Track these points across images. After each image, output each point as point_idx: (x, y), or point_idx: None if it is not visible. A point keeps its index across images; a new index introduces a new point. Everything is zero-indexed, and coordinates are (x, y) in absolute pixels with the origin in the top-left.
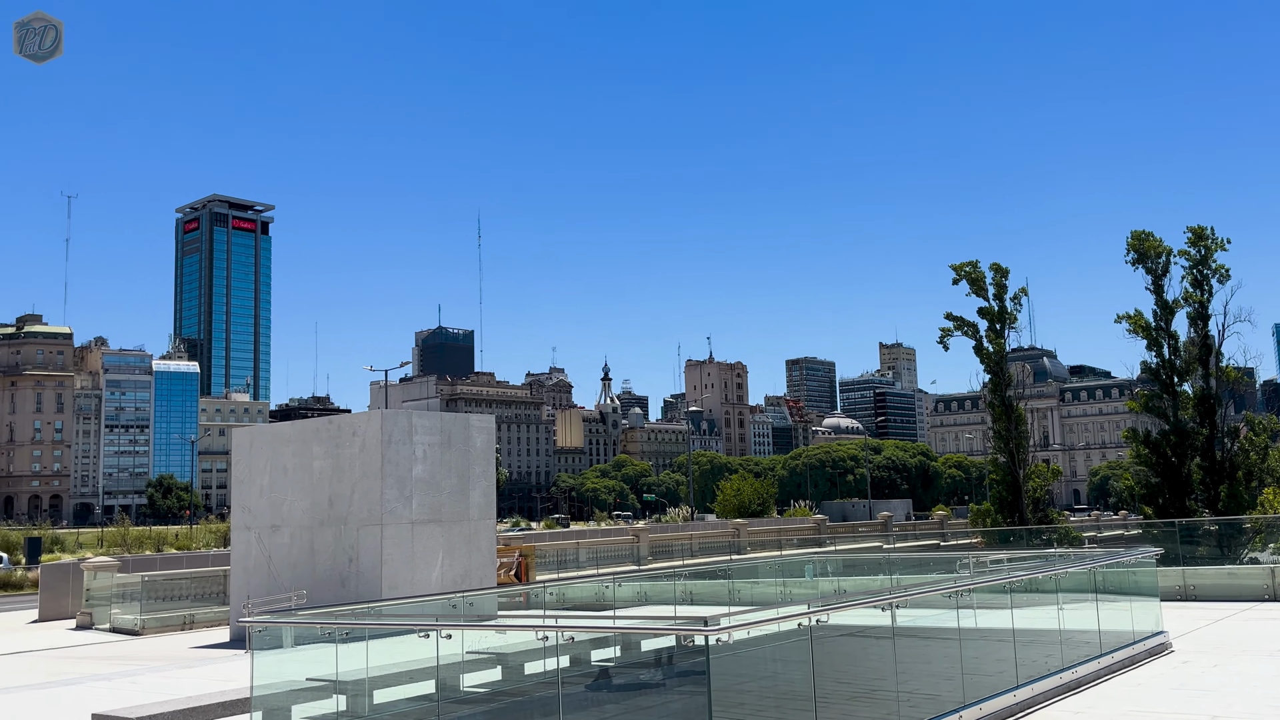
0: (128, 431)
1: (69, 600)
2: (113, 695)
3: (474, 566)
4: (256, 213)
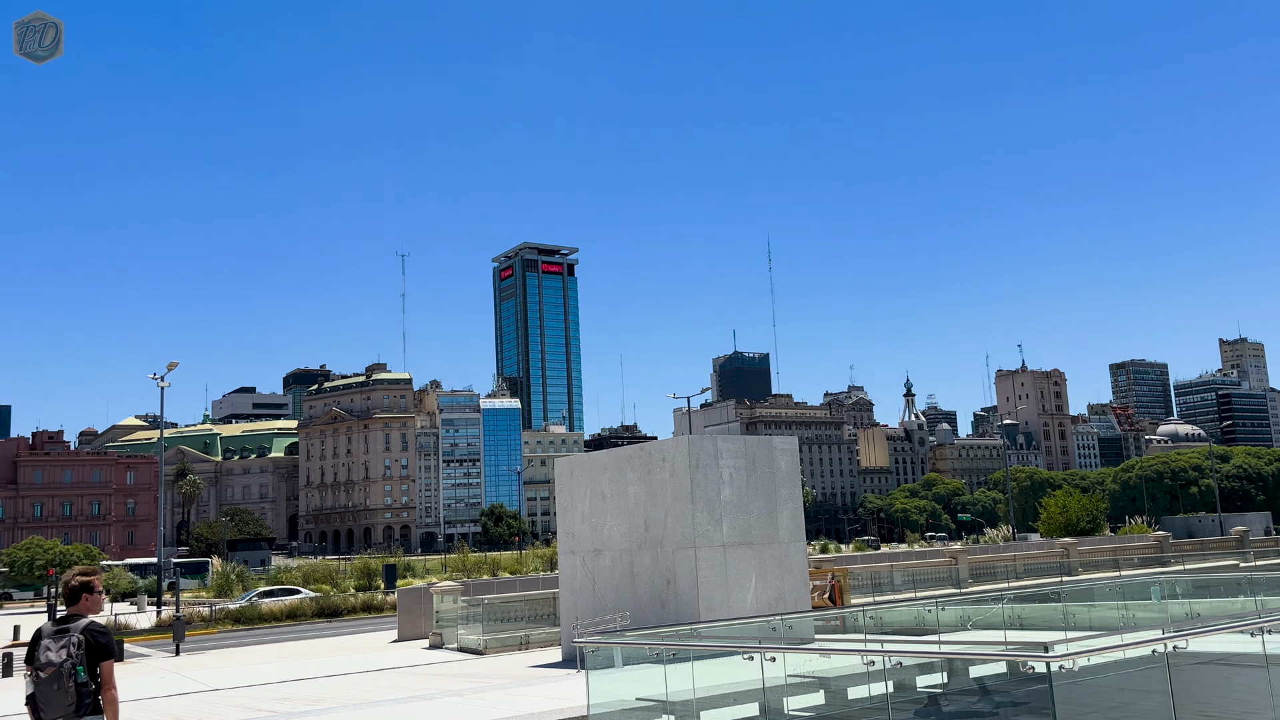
0: (462, 465)
1: (422, 621)
2: (465, 709)
3: (787, 589)
4: (562, 256)
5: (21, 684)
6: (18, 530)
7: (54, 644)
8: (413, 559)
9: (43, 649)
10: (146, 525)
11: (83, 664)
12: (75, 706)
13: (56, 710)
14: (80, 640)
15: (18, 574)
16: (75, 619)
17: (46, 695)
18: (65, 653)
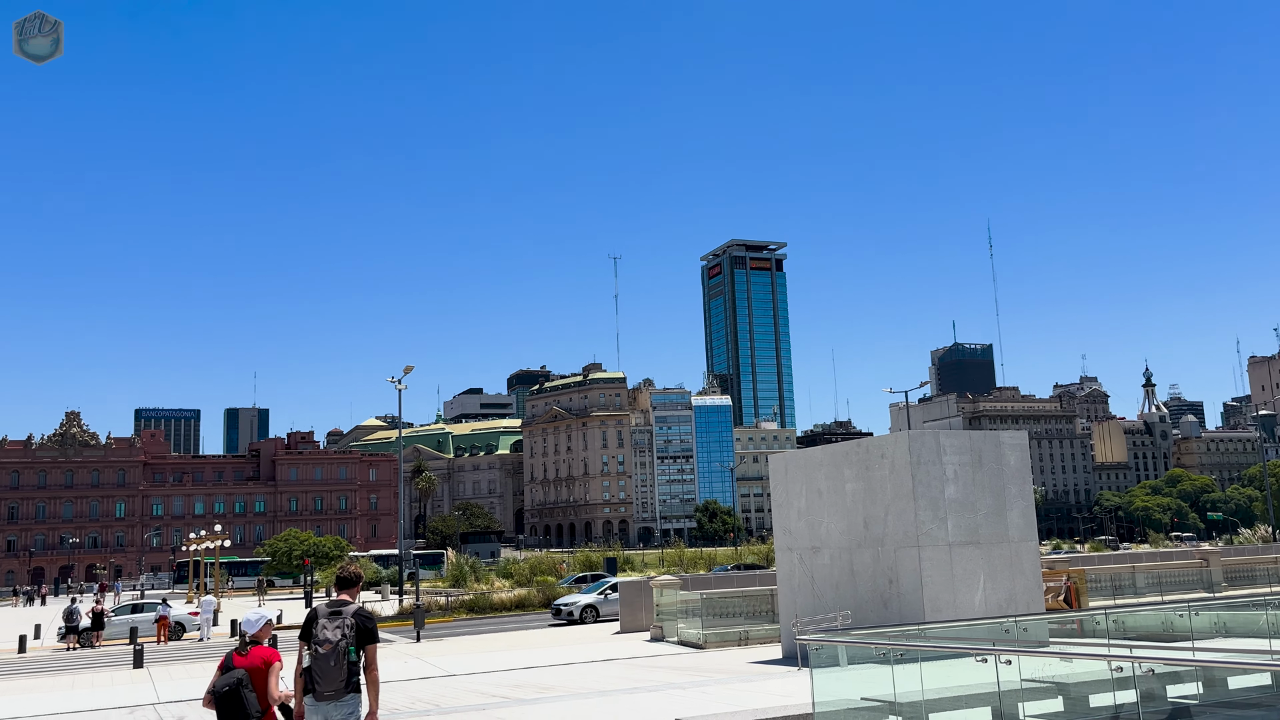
0: (675, 462)
1: (642, 614)
2: (689, 703)
3: (1018, 590)
4: (770, 251)
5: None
6: (277, 523)
7: (329, 624)
8: (631, 553)
9: (319, 628)
10: (387, 519)
11: (354, 645)
12: (345, 682)
13: (331, 684)
14: (352, 623)
15: (278, 563)
16: (346, 604)
17: (323, 669)
18: (340, 633)
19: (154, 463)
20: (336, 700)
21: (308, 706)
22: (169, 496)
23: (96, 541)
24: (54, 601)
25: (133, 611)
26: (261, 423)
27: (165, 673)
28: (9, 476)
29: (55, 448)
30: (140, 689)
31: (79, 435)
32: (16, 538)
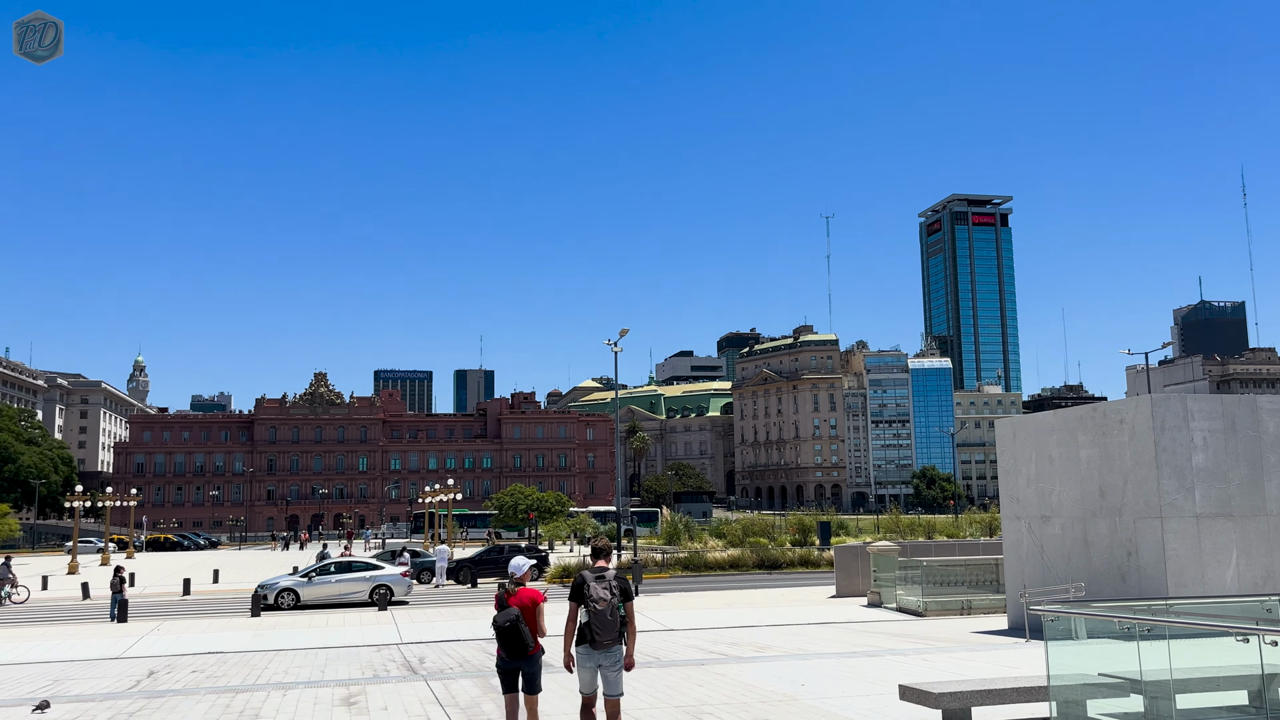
0: (890, 426)
1: (859, 579)
2: (910, 670)
3: (1277, 568)
4: (994, 206)
5: None
6: (502, 478)
7: (598, 586)
8: (845, 517)
9: (592, 588)
10: (603, 477)
11: (617, 598)
12: (617, 633)
13: (608, 634)
14: (616, 585)
15: (505, 516)
16: (606, 569)
17: (601, 622)
18: (609, 592)
19: (392, 420)
20: (609, 648)
21: (583, 653)
22: (405, 452)
23: (343, 492)
24: (311, 546)
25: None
26: (487, 384)
27: (406, 616)
28: (268, 431)
29: (306, 406)
30: (384, 629)
31: (326, 394)
32: (274, 487)
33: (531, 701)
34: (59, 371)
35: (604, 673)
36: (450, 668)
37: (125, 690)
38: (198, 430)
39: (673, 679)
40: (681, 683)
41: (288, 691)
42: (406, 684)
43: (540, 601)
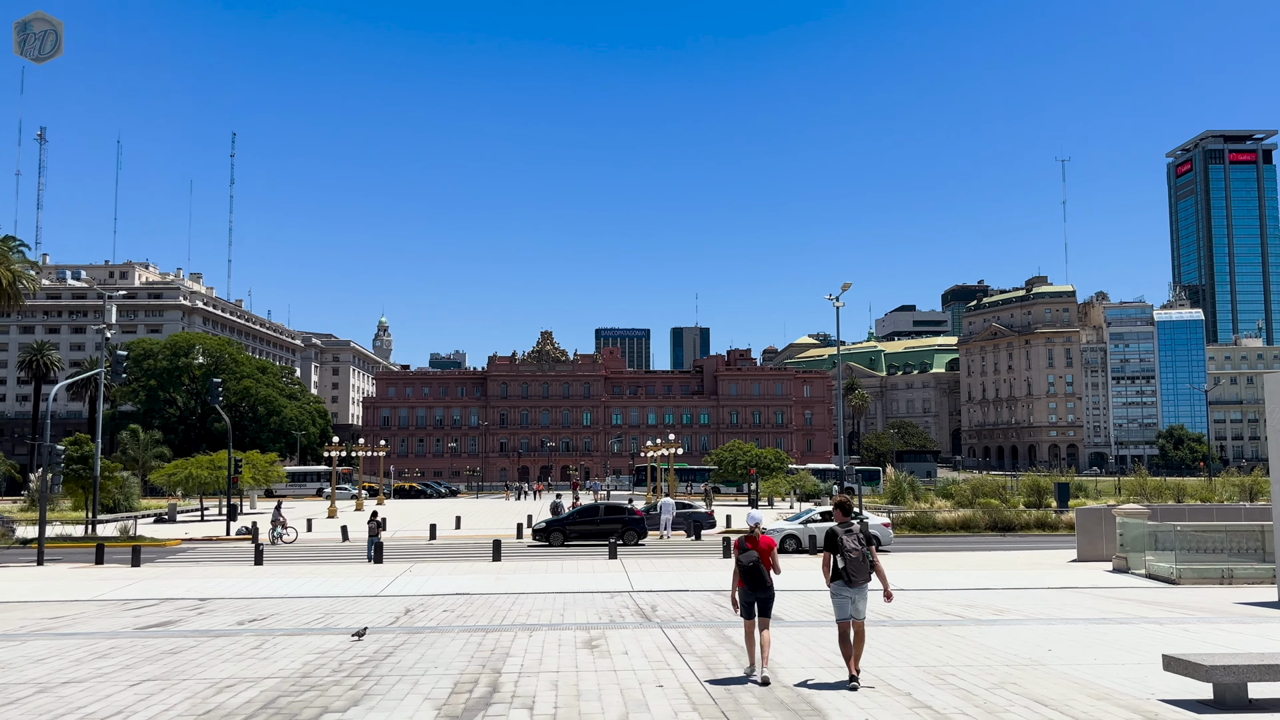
0: (1133, 383)
1: (1103, 543)
2: (1169, 640)
3: None
4: (1256, 141)
5: None
6: (719, 435)
7: (848, 538)
8: (1082, 479)
9: (842, 540)
10: (821, 434)
11: (865, 547)
12: (868, 574)
13: (862, 575)
14: (861, 535)
15: (724, 471)
16: (850, 523)
17: (856, 566)
18: (857, 541)
19: (613, 377)
20: (861, 586)
21: (839, 588)
22: (625, 408)
23: (569, 446)
24: (544, 497)
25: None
26: (703, 341)
27: (636, 565)
28: (499, 387)
29: (534, 363)
30: (616, 577)
31: (551, 352)
32: (506, 440)
33: (765, 623)
34: (314, 332)
35: (855, 604)
36: (682, 616)
37: (387, 625)
38: (436, 386)
39: (910, 639)
40: (919, 643)
41: (533, 633)
42: (643, 630)
43: (773, 546)
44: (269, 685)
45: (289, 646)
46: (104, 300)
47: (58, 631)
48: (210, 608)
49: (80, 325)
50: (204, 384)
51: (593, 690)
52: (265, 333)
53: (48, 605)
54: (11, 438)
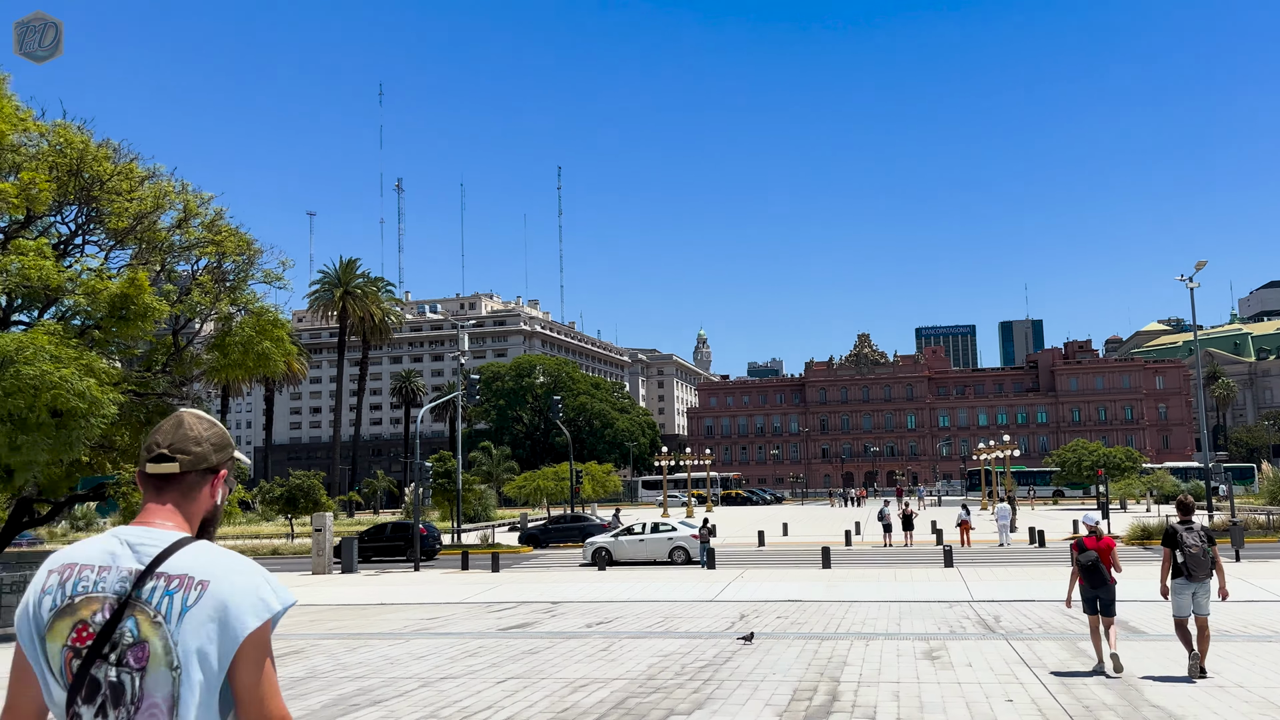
0: None
1: None
2: None
3: None
4: None
5: None
6: (1060, 434)
7: (1189, 535)
8: None
9: (1182, 537)
10: (1179, 429)
11: (1206, 544)
12: (1208, 570)
13: (1202, 571)
14: (1202, 534)
15: (1067, 473)
16: (1191, 521)
17: (1197, 562)
18: (1198, 539)
19: (936, 377)
20: (1203, 581)
21: (1180, 585)
22: (953, 409)
23: (893, 450)
24: (868, 503)
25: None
26: (1035, 334)
27: (973, 574)
28: (818, 393)
29: (852, 366)
30: (952, 586)
31: (870, 355)
32: (828, 446)
33: (1109, 621)
34: (638, 348)
35: (1196, 599)
36: (1029, 628)
37: (724, 630)
38: (755, 394)
39: None
40: None
41: (869, 642)
42: (986, 642)
43: (1113, 546)
44: (618, 686)
45: (634, 649)
46: (457, 330)
47: (433, 631)
48: (561, 611)
49: (439, 353)
50: (545, 402)
51: (936, 703)
52: (595, 351)
53: (424, 607)
54: (388, 456)
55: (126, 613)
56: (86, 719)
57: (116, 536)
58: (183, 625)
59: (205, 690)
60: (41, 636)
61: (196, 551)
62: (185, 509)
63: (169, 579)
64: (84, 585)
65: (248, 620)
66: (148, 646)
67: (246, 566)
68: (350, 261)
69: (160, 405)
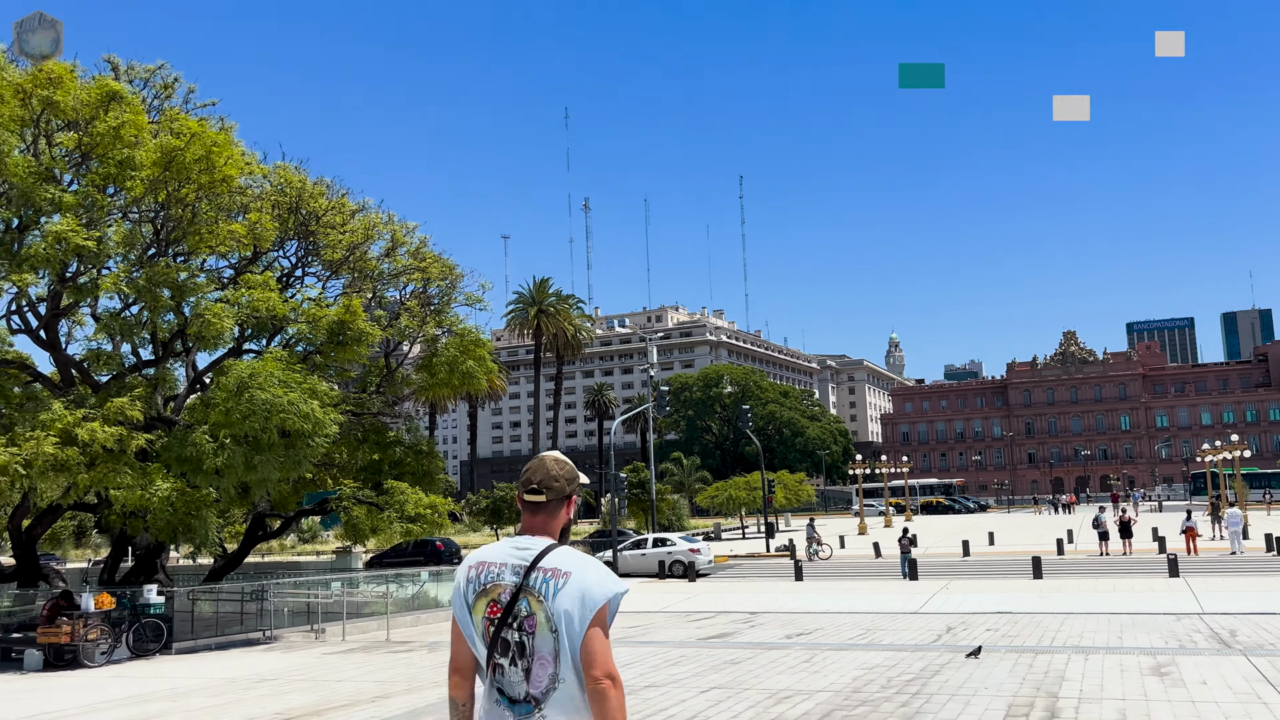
0: None
1: None
2: None
3: None
4: None
5: None
6: None
7: None
8: None
9: None
10: None
11: None
12: None
13: None
14: None
15: None
16: None
17: None
18: None
19: (1152, 374)
20: None
21: None
22: (1171, 407)
23: (1105, 453)
24: (1080, 510)
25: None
26: (1263, 324)
27: (1202, 584)
28: (1021, 395)
29: (1057, 366)
30: (1179, 597)
31: (1077, 353)
32: (1035, 450)
33: None
34: (827, 354)
35: None
36: (1271, 643)
37: (929, 643)
38: (953, 398)
39: None
40: None
41: (1089, 656)
42: (1222, 658)
43: None
44: (822, 699)
45: (836, 661)
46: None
47: (636, 639)
48: (759, 621)
49: (628, 366)
50: (734, 411)
51: None
52: (782, 359)
53: (624, 615)
54: (583, 468)
55: (520, 595)
56: (502, 665)
57: (511, 544)
58: (556, 601)
59: (571, 646)
60: (469, 609)
61: (562, 553)
62: (550, 524)
63: (545, 571)
64: (492, 576)
65: (597, 599)
66: (536, 617)
67: (596, 563)
68: (542, 281)
69: (375, 424)
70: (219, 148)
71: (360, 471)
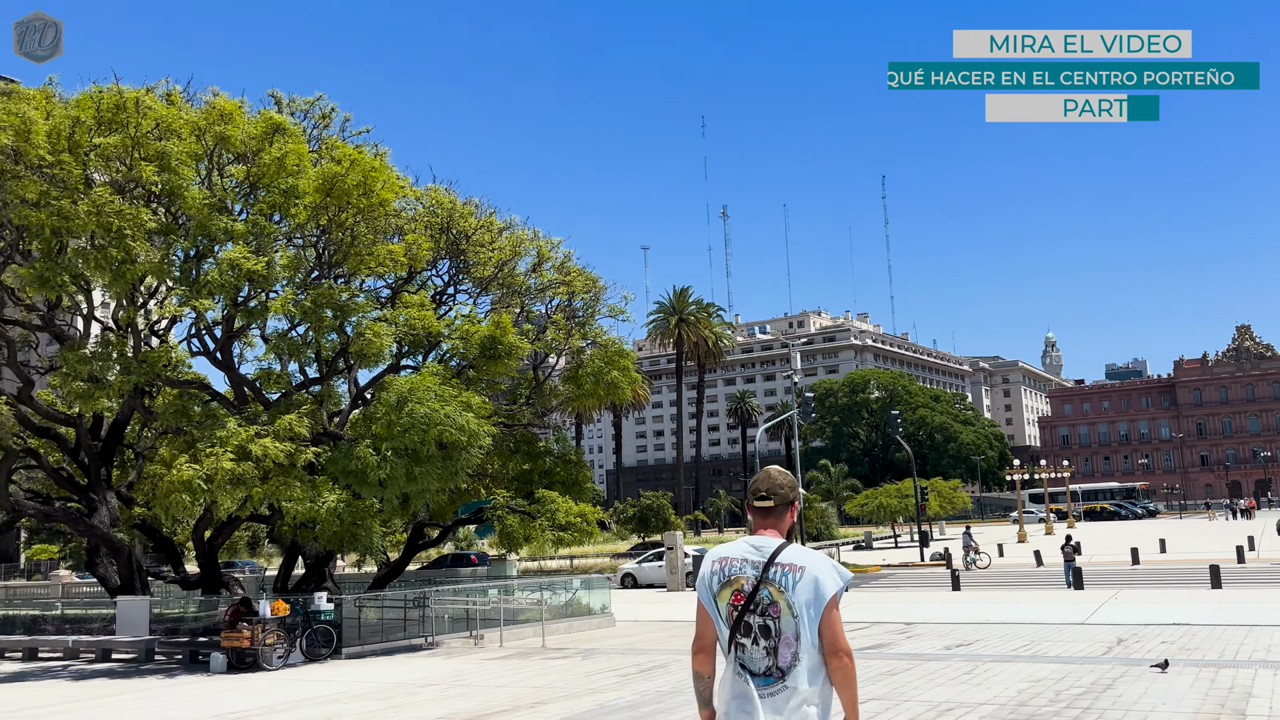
0: None
1: None
2: None
3: None
4: None
5: None
6: None
7: None
8: None
9: None
10: None
11: None
12: None
13: None
14: None
15: None
16: None
17: None
18: None
19: None
20: None
21: None
22: None
23: None
24: (1261, 515)
25: None
26: None
27: None
28: (1191, 394)
29: (1230, 362)
30: None
31: (1253, 348)
32: (1208, 453)
33: None
34: (979, 356)
35: None
36: None
37: (1099, 656)
38: (1116, 399)
39: None
40: None
41: (1278, 672)
42: None
43: None
44: (986, 712)
45: (1000, 673)
46: (788, 349)
47: None
48: (916, 632)
49: (770, 373)
50: (882, 417)
51: None
52: (932, 361)
53: None
54: (728, 476)
55: (761, 587)
56: (744, 644)
57: (747, 542)
58: (795, 591)
59: (811, 628)
60: (715, 597)
61: (794, 550)
62: (778, 526)
63: (783, 566)
64: (734, 570)
65: (830, 588)
66: (779, 605)
67: (825, 558)
68: (683, 290)
69: (525, 435)
70: (375, 172)
71: (512, 481)
